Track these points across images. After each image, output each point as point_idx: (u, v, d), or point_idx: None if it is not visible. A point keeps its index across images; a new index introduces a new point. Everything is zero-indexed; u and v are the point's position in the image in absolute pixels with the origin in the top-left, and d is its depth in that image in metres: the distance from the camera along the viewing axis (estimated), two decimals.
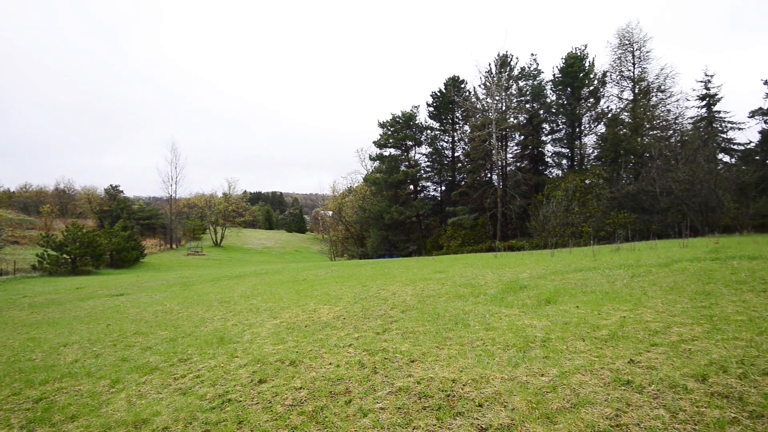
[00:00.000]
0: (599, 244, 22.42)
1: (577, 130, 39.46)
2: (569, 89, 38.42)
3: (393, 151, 46.64)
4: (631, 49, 35.83)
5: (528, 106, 39.82)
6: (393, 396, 3.51)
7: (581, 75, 37.61)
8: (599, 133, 37.72)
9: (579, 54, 38.34)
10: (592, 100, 38.11)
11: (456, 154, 45.70)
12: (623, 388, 3.22)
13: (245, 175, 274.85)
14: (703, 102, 35.60)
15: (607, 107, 37.65)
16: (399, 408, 3.28)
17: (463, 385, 3.53)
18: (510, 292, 7.81)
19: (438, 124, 46.20)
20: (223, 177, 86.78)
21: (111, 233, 41.15)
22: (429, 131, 46.24)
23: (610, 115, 36.46)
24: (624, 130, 33.96)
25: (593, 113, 38.23)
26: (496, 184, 38.18)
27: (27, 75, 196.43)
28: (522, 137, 40.17)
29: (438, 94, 44.63)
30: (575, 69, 37.60)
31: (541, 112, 39.64)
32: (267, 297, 10.52)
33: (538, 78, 40.07)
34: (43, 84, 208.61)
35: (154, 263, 43.74)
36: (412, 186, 46.05)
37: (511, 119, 38.55)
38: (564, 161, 41.14)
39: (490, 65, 39.67)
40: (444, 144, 46.66)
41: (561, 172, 40.12)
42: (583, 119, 38.80)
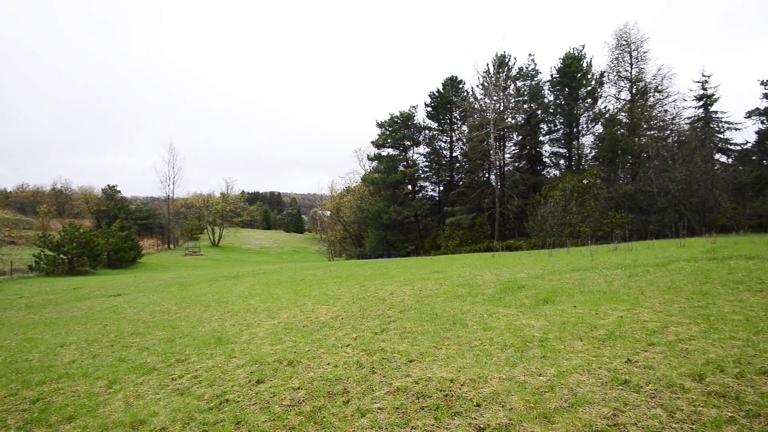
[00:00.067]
0: (597, 244, 22.47)
1: (575, 130, 39.56)
2: (567, 89, 38.51)
3: (391, 151, 46.68)
4: (629, 50, 35.97)
5: (526, 106, 39.91)
6: (391, 396, 3.51)
7: (579, 75, 37.71)
8: (597, 134, 37.89)
9: (577, 54, 38.45)
10: (589, 100, 38.24)
11: (454, 154, 45.78)
12: (621, 387, 3.23)
13: (243, 175, 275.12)
14: (700, 102, 35.76)
15: (605, 107, 37.86)
16: (397, 408, 3.28)
17: (461, 385, 3.54)
18: (508, 292, 7.83)
19: (436, 124, 46.22)
20: (222, 177, 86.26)
21: (108, 233, 41.01)
22: (427, 131, 46.27)
23: (607, 116, 36.60)
24: (621, 130, 34.08)
25: (591, 113, 38.37)
26: (494, 184, 38.24)
27: (27, 75, 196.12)
28: (520, 137, 40.27)
29: (436, 94, 44.63)
30: (573, 69, 37.70)
31: (539, 112, 39.76)
32: (265, 297, 10.50)
33: (535, 78, 40.21)
34: (43, 84, 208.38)
35: (151, 263, 43.63)
36: (410, 186, 46.08)
37: (509, 119, 38.62)
38: (562, 161, 41.26)
39: (488, 65, 39.80)
40: (442, 144, 46.71)
41: (559, 172, 40.25)
42: (581, 119, 38.92)
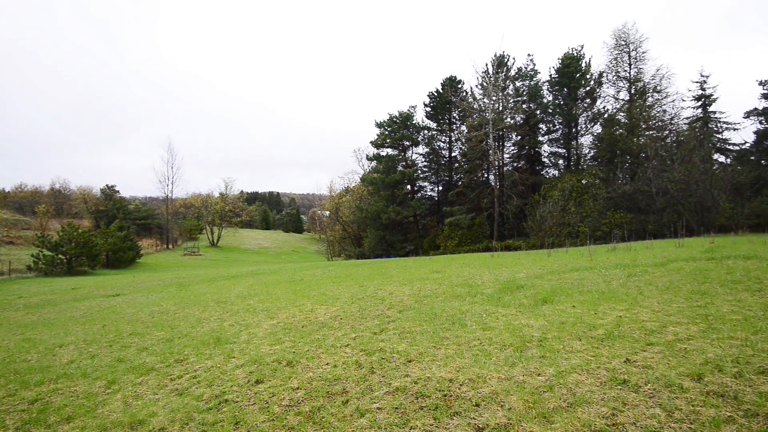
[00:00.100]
0: (596, 243, 22.50)
1: (574, 130, 39.61)
2: (566, 90, 38.56)
3: (390, 151, 46.71)
4: (627, 50, 36.03)
5: (525, 106, 39.94)
6: (390, 396, 3.51)
7: (578, 75, 37.75)
8: (596, 134, 37.95)
9: (575, 54, 38.50)
10: (588, 100, 38.29)
11: (453, 154, 45.81)
12: (619, 387, 3.23)
13: (242, 175, 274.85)
14: (699, 102, 35.85)
15: (604, 108, 37.91)
16: (396, 408, 3.28)
17: (460, 385, 3.54)
18: (507, 291, 7.83)
19: (435, 124, 46.24)
20: (221, 177, 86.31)
21: (107, 233, 40.94)
22: (426, 131, 46.30)
23: (606, 116, 36.65)
24: (620, 130, 34.13)
25: (589, 113, 38.41)
26: (493, 184, 38.27)
27: (27, 75, 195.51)
28: (519, 137, 40.30)
29: (435, 94, 44.65)
30: (572, 69, 37.74)
31: (538, 112, 39.80)
32: (264, 297, 10.49)
33: (534, 78, 40.24)
34: (43, 84, 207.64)
35: (150, 263, 43.56)
36: (409, 186, 46.09)
37: (508, 119, 38.67)
38: (560, 161, 41.31)
39: (487, 65, 39.87)
40: (441, 144, 46.74)
41: (558, 172, 40.30)
42: (580, 119, 38.97)
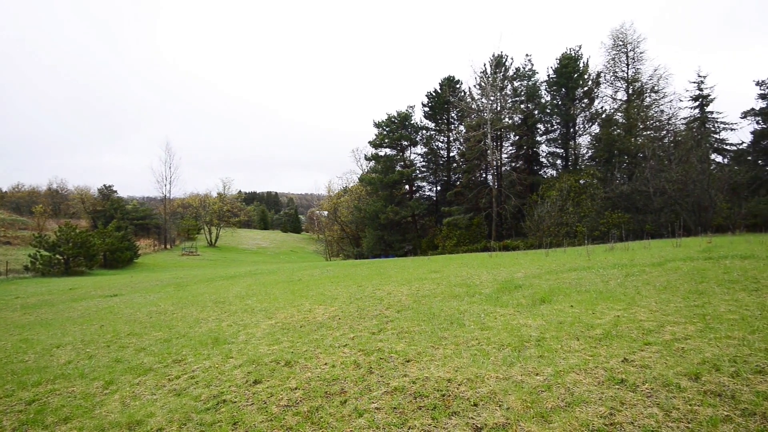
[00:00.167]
0: (593, 243, 22.55)
1: (572, 130, 39.67)
2: (564, 90, 38.62)
3: (388, 151, 46.74)
4: (625, 50, 36.11)
5: (523, 106, 40.00)
6: (388, 396, 3.51)
7: (575, 76, 37.82)
8: (593, 134, 38.01)
9: (573, 55, 38.57)
10: (586, 100, 38.35)
11: (451, 154, 45.86)
12: (617, 386, 3.24)
13: (241, 175, 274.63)
14: (696, 103, 35.96)
15: (601, 108, 37.97)
16: (394, 408, 3.28)
17: (459, 385, 3.54)
18: (505, 291, 7.84)
19: (433, 124, 46.28)
20: (219, 177, 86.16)
21: (104, 233, 40.82)
22: (424, 131, 46.34)
23: (604, 116, 36.71)
24: (618, 130, 34.21)
25: (587, 114, 38.48)
26: (491, 184, 38.31)
27: (27, 75, 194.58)
28: (517, 137, 40.34)
29: (433, 94, 44.68)
30: (570, 70, 37.80)
31: (536, 112, 39.87)
32: (262, 297, 10.48)
33: (532, 78, 40.31)
34: (43, 84, 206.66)
35: (148, 264, 43.45)
36: (407, 186, 46.11)
37: (506, 119, 38.71)
38: (558, 161, 41.37)
39: (485, 65, 39.93)
40: (439, 144, 46.79)
41: (555, 172, 40.36)
42: (578, 120, 39.04)
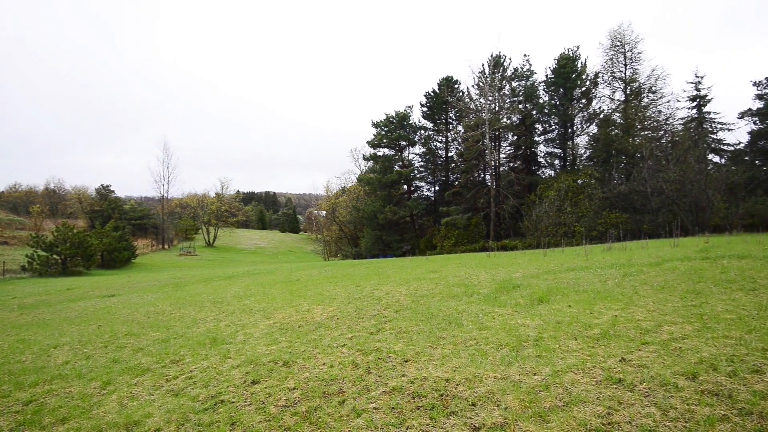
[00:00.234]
0: (591, 243, 22.61)
1: (570, 130, 39.74)
2: (562, 90, 38.69)
3: (387, 151, 46.71)
4: (623, 51, 36.17)
5: (521, 106, 40.03)
6: (386, 396, 3.51)
7: (573, 76, 37.89)
8: (591, 134, 38.10)
9: (571, 55, 38.63)
10: (584, 100, 38.42)
11: (449, 154, 45.88)
12: (615, 386, 3.25)
13: (239, 175, 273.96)
14: (694, 103, 36.05)
15: (599, 108, 38.03)
16: (392, 408, 3.28)
17: (457, 385, 3.54)
18: (503, 291, 7.85)
19: (431, 124, 46.29)
20: (217, 177, 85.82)
21: (102, 233, 40.71)
22: (423, 131, 46.35)
23: (602, 116, 36.77)
24: (616, 130, 34.28)
25: (585, 114, 38.55)
26: (489, 184, 38.34)
27: (27, 75, 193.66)
28: (515, 137, 40.39)
29: (432, 94, 44.69)
30: (568, 70, 37.87)
31: (534, 112, 39.90)
32: (260, 297, 10.47)
33: (530, 79, 40.36)
34: (43, 84, 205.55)
35: (145, 264, 43.35)
36: (405, 186, 46.10)
37: (504, 120, 38.73)
38: (556, 161, 41.45)
39: (483, 66, 39.91)
40: (437, 144, 46.83)
41: (553, 172, 40.43)
42: (576, 120, 39.10)
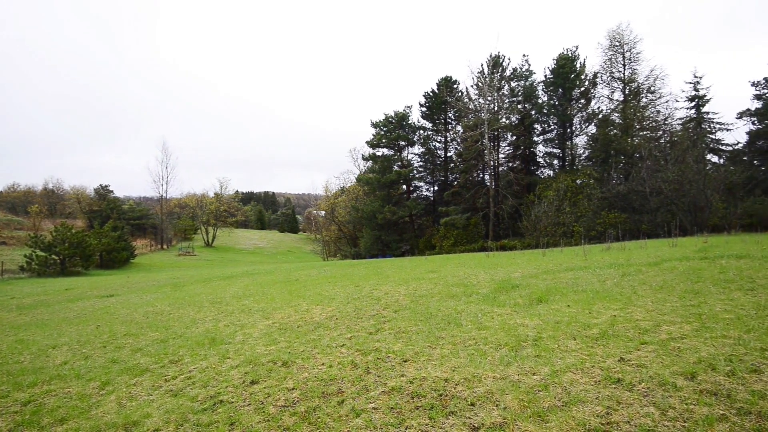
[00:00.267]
0: (590, 243, 22.63)
1: (569, 130, 39.78)
2: (560, 90, 38.72)
3: (386, 151, 46.69)
4: (622, 51, 36.21)
5: (520, 106, 40.06)
6: (386, 396, 3.51)
7: (572, 76, 37.93)
8: (590, 134, 38.14)
9: (570, 55, 38.67)
10: (583, 100, 38.46)
11: (448, 154, 45.87)
12: (614, 386, 3.25)
13: (238, 175, 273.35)
14: (692, 103, 36.11)
15: (598, 108, 38.08)
16: (392, 408, 3.28)
17: (456, 385, 3.55)
18: (502, 291, 7.85)
19: (431, 124, 46.29)
20: (216, 177, 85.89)
21: (101, 233, 40.63)
22: (422, 131, 46.34)
23: (600, 116, 36.81)
24: (614, 130, 34.32)
25: (584, 114, 38.59)
26: (488, 184, 38.37)
27: (27, 74, 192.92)
28: (514, 137, 40.41)
29: (431, 94, 44.68)
30: (566, 70, 37.90)
31: (533, 112, 39.93)
32: (259, 297, 10.46)
33: (529, 79, 40.37)
34: (43, 84, 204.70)
35: (144, 264, 43.29)
36: (404, 186, 46.09)
37: (503, 120, 38.76)
38: (555, 161, 41.50)
39: (482, 66, 39.90)
40: (436, 144, 46.82)
41: (552, 172, 40.46)
42: (574, 120, 39.14)
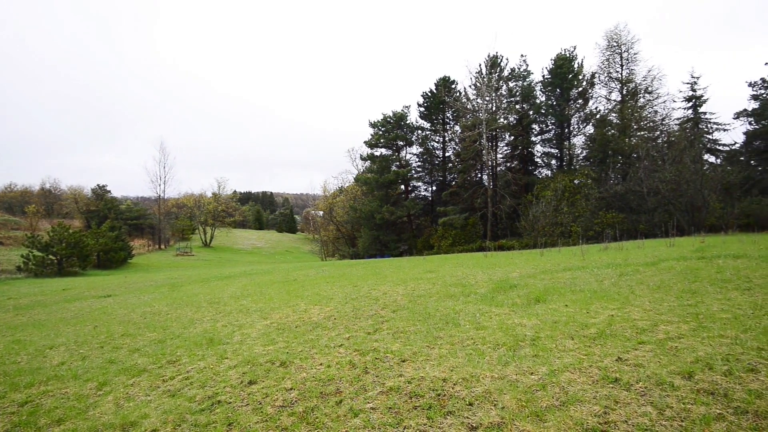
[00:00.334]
0: (588, 243, 22.66)
1: (566, 130, 39.86)
2: (558, 90, 38.78)
3: (384, 151, 46.67)
4: (619, 51, 36.30)
5: (518, 106, 40.12)
6: (384, 396, 3.51)
7: (570, 76, 37.99)
8: (588, 134, 38.23)
9: (568, 55, 38.74)
10: (580, 101, 38.54)
11: (447, 154, 45.89)
12: (611, 385, 3.26)
13: (236, 175, 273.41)
14: (690, 103, 36.23)
15: (596, 108, 38.17)
16: (390, 408, 3.28)
17: (454, 384, 3.55)
18: (500, 291, 7.86)
19: (429, 124, 46.32)
20: (213, 177, 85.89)
21: (98, 233, 40.53)
22: (420, 131, 46.35)
23: (598, 116, 36.91)
24: (612, 130, 34.40)
25: (582, 114, 38.68)
26: (486, 184, 38.40)
27: (27, 74, 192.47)
28: (512, 138, 40.47)
29: (429, 94, 44.70)
30: (564, 70, 37.97)
31: (531, 112, 39.97)
32: (257, 298, 10.44)
33: (527, 79, 40.41)
34: (43, 84, 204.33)
35: (142, 264, 43.18)
36: (403, 186, 46.09)
37: (501, 120, 38.80)
38: (553, 161, 41.54)
39: (480, 66, 39.89)
40: (435, 144, 46.83)
41: (550, 172, 40.51)
42: (572, 120, 39.22)
